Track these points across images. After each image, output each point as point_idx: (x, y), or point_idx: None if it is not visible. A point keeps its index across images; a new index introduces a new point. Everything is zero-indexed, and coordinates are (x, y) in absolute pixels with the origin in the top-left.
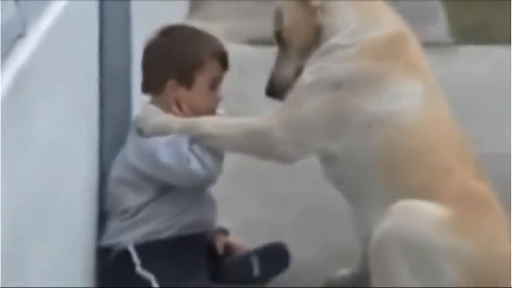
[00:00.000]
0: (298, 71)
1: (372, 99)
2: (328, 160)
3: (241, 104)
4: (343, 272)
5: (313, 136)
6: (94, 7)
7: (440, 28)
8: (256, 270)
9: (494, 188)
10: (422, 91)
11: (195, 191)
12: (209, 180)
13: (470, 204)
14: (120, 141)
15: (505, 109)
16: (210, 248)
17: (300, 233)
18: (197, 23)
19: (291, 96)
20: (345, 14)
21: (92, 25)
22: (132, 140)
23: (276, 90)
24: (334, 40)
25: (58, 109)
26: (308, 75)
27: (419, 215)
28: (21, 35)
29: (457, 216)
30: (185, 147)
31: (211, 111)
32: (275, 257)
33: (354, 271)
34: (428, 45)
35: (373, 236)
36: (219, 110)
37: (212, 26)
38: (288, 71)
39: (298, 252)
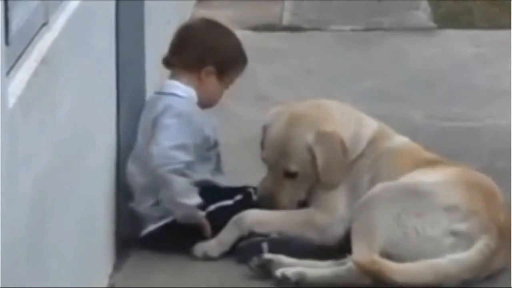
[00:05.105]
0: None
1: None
2: None
3: (246, 86)
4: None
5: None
6: None
7: (424, 14)
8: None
9: (475, 158)
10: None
11: None
12: None
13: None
14: (135, 116)
15: (483, 86)
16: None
17: None
18: (203, 12)
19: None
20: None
21: (109, 14)
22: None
23: (265, 206)
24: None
25: (78, 89)
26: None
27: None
28: (44, 24)
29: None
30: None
31: (213, 106)
32: (286, 248)
33: None
34: (413, 29)
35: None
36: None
37: (217, 13)
38: (290, 200)
39: None
